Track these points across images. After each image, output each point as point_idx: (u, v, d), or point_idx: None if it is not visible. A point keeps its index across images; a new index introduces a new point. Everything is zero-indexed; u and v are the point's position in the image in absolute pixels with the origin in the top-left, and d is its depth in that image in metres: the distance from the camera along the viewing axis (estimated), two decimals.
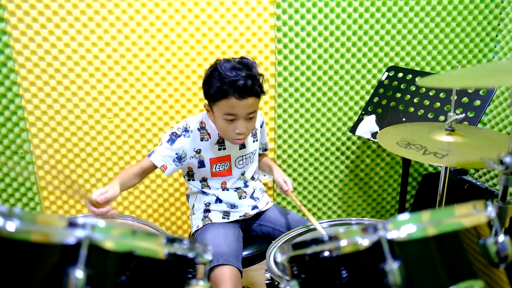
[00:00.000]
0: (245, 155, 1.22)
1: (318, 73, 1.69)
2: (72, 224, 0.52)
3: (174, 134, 1.14)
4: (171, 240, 0.59)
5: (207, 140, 1.15)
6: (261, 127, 1.28)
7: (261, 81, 1.06)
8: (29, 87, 1.49)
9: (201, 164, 1.17)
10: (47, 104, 1.52)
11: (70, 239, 0.51)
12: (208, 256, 0.64)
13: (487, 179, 1.80)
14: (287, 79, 1.68)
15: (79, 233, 0.52)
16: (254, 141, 1.24)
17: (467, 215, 0.60)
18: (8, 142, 1.56)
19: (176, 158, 1.13)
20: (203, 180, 1.21)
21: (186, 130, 1.14)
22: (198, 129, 1.15)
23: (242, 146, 1.20)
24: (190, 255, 0.62)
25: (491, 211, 0.62)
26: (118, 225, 0.55)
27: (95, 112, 1.57)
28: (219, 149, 1.17)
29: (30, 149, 1.57)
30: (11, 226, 0.50)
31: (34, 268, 0.51)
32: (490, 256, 0.59)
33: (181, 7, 1.51)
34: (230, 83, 0.99)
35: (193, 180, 1.22)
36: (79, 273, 0.50)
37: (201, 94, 1.64)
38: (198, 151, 1.15)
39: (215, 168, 1.18)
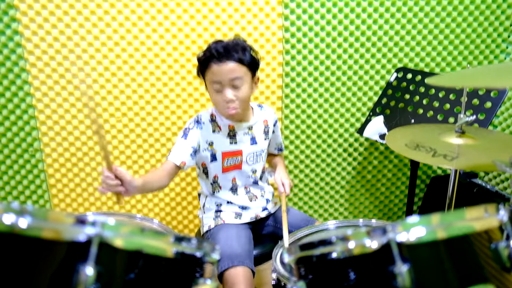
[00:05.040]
0: (256, 151, 1.22)
1: (326, 74, 1.68)
2: (82, 222, 0.52)
3: (187, 129, 1.15)
4: (179, 239, 0.60)
5: (219, 132, 1.16)
6: (274, 125, 1.29)
7: (248, 51, 1.09)
8: (39, 86, 1.51)
9: (213, 157, 1.17)
10: (57, 103, 1.54)
11: (81, 237, 0.52)
12: (216, 256, 0.64)
13: (497, 182, 1.77)
14: (294, 80, 1.68)
15: (90, 230, 0.52)
16: (265, 139, 1.25)
17: (478, 219, 0.60)
18: (19, 140, 1.59)
19: (193, 152, 1.14)
20: (214, 181, 1.21)
21: (197, 122, 1.16)
22: (209, 120, 1.17)
23: (253, 142, 1.21)
24: (198, 254, 0.62)
25: (503, 214, 0.61)
26: (127, 223, 0.55)
27: (103, 111, 1.58)
28: (231, 143, 1.18)
29: (40, 147, 1.60)
30: (23, 223, 0.50)
31: (45, 265, 0.52)
32: (502, 261, 0.58)
33: (189, 7, 1.52)
34: (210, 50, 1.06)
35: (207, 178, 1.22)
36: (89, 270, 0.50)
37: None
38: (211, 144, 1.16)
39: (227, 163, 1.19)
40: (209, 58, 1.06)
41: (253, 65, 1.10)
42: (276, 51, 1.61)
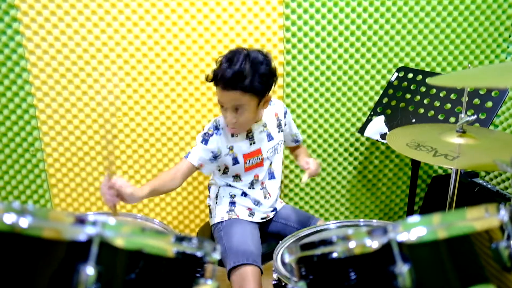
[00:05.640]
0: (274, 146, 1.25)
1: (327, 74, 1.68)
2: (83, 221, 0.52)
3: (206, 134, 1.15)
4: (180, 239, 0.60)
5: (237, 136, 1.17)
6: (285, 117, 1.29)
7: (260, 78, 1.03)
8: (40, 86, 1.52)
9: (235, 161, 1.18)
10: (58, 102, 1.55)
11: (82, 236, 0.52)
12: (217, 256, 0.64)
13: (498, 182, 1.77)
14: (295, 79, 1.67)
15: (90, 230, 0.52)
16: (279, 132, 1.27)
17: (479, 218, 0.59)
18: (20, 140, 1.59)
19: (213, 156, 1.15)
20: (236, 175, 1.23)
21: (216, 128, 1.16)
22: (227, 125, 1.16)
23: (270, 138, 1.23)
24: (199, 254, 0.62)
25: (504, 214, 0.61)
26: (128, 223, 0.55)
27: (105, 111, 1.58)
28: (250, 144, 1.19)
29: (41, 147, 1.60)
30: (24, 223, 0.50)
31: (46, 264, 0.52)
32: (503, 261, 0.58)
33: (190, 7, 1.52)
34: (217, 72, 1.04)
35: (227, 175, 1.23)
36: (90, 270, 0.50)
37: (209, 93, 1.66)
38: (231, 148, 1.17)
39: (249, 163, 1.20)
40: (215, 81, 1.05)
41: (261, 91, 1.05)
42: (277, 51, 1.60)
